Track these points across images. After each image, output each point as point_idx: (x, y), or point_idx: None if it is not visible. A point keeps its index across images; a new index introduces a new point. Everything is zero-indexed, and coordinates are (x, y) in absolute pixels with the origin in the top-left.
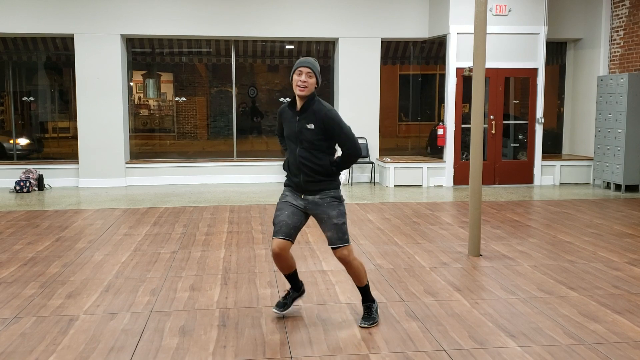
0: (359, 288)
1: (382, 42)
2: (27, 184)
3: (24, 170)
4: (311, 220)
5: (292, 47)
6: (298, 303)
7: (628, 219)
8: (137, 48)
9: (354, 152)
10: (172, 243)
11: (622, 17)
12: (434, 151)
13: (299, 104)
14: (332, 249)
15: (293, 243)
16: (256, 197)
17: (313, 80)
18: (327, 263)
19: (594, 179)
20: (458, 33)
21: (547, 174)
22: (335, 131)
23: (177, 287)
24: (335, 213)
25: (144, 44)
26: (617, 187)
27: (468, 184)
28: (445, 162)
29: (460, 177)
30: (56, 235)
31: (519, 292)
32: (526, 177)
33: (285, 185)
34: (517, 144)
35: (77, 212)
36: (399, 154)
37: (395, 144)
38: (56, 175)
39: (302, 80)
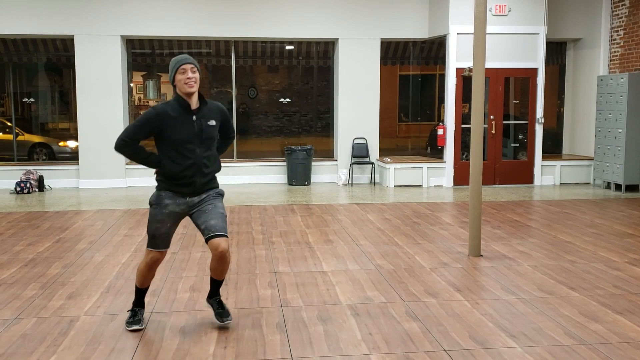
0: (217, 281)
1: (381, 42)
2: (28, 185)
3: (24, 172)
4: (311, 220)
5: (291, 47)
6: (298, 303)
7: (628, 219)
8: (137, 49)
9: (234, 135)
10: (173, 244)
11: (621, 17)
12: (434, 151)
13: (191, 102)
14: (215, 236)
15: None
16: (256, 198)
17: (197, 75)
18: (327, 264)
19: (594, 179)
20: (458, 33)
21: (547, 174)
22: (229, 122)
23: (178, 288)
24: (221, 205)
25: (144, 45)
26: (618, 187)
27: (468, 184)
28: (445, 162)
29: (460, 177)
30: (57, 236)
31: (519, 292)
32: (526, 177)
33: (162, 190)
34: (517, 144)
35: (78, 213)
36: (399, 154)
37: (395, 144)
38: (56, 176)
39: (189, 77)
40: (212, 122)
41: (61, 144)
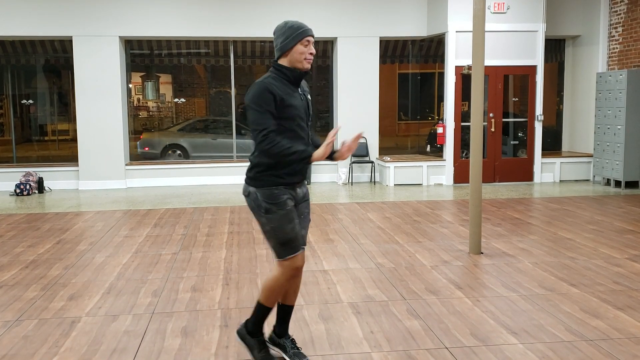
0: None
1: (380, 41)
2: (27, 186)
3: (24, 173)
4: (311, 219)
5: None
6: (299, 302)
7: (628, 215)
8: (135, 50)
9: (253, 131)
10: (173, 244)
11: (620, 14)
12: (434, 150)
13: (296, 79)
14: None
15: None
16: None
17: None
18: (328, 262)
19: (594, 176)
20: (457, 31)
21: (547, 171)
22: (245, 105)
23: (179, 288)
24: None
25: (142, 46)
26: (617, 183)
27: (468, 182)
28: (445, 160)
29: (460, 175)
30: (57, 237)
31: (520, 289)
32: (526, 174)
33: (277, 185)
34: (517, 142)
35: (78, 215)
36: (399, 153)
37: (395, 143)
38: (56, 178)
39: (312, 52)
40: (309, 97)
41: None
